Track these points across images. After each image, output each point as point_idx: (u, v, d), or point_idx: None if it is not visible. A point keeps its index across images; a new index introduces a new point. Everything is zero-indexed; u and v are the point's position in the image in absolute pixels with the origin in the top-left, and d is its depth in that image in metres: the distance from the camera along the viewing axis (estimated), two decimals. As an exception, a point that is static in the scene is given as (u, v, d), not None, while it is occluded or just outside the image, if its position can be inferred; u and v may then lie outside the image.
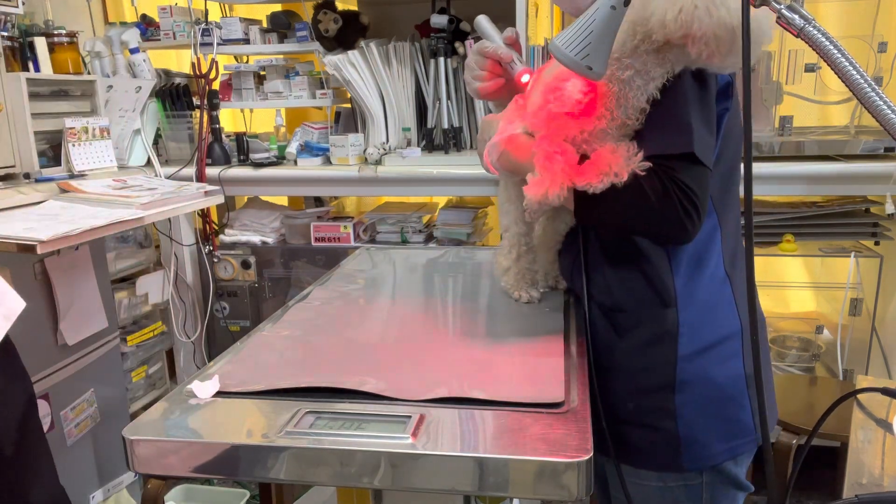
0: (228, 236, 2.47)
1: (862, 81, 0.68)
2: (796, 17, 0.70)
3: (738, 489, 1.06)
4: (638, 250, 1.01)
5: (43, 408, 1.81)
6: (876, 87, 0.68)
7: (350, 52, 2.26)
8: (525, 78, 1.04)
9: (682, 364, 1.00)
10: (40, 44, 2.10)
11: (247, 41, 2.49)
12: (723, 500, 1.05)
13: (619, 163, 0.89)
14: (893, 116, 0.66)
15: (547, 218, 1.14)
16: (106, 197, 1.79)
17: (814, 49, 0.70)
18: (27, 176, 1.91)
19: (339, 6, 2.37)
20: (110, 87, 2.41)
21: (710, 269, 1.01)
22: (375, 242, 2.39)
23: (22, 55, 2.09)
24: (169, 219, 2.41)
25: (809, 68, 2.07)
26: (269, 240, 2.46)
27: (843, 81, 0.69)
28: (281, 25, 2.48)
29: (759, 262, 2.29)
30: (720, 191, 1.00)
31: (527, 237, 1.15)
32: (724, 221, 1.03)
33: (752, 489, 1.07)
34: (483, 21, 1.08)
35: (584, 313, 1.05)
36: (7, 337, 1.08)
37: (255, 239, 2.45)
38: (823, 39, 0.69)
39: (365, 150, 2.29)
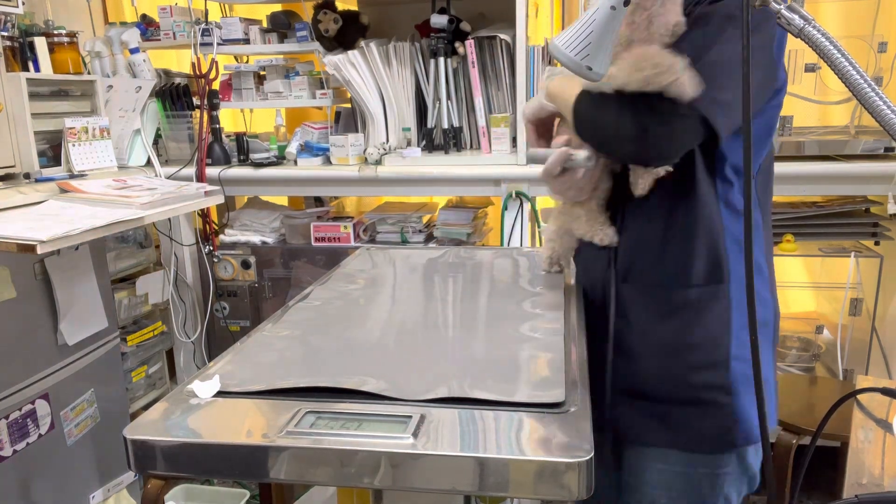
0: (228, 236, 2.47)
1: (862, 81, 0.68)
2: (796, 17, 0.70)
3: (750, 481, 1.09)
4: (692, 225, 1.02)
5: (43, 408, 1.82)
6: (876, 87, 0.68)
7: (350, 52, 2.26)
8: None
9: (735, 340, 1.03)
10: (40, 44, 2.10)
11: (247, 41, 2.48)
12: (733, 492, 1.08)
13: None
14: (893, 116, 0.67)
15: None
16: (106, 197, 1.79)
17: (814, 49, 0.70)
18: (27, 176, 1.92)
19: (339, 6, 2.37)
20: (110, 87, 2.41)
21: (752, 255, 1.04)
22: (375, 242, 2.39)
23: (22, 55, 2.09)
24: (169, 219, 2.42)
25: (809, 68, 2.07)
26: (269, 240, 2.46)
27: (843, 81, 0.69)
28: (281, 25, 2.48)
29: (759, 262, 2.28)
30: (763, 187, 1.06)
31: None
32: (765, 216, 1.08)
33: (757, 483, 1.10)
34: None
35: (612, 297, 1.07)
36: None
37: (255, 239, 2.45)
38: (823, 39, 0.69)
39: (365, 150, 2.29)
